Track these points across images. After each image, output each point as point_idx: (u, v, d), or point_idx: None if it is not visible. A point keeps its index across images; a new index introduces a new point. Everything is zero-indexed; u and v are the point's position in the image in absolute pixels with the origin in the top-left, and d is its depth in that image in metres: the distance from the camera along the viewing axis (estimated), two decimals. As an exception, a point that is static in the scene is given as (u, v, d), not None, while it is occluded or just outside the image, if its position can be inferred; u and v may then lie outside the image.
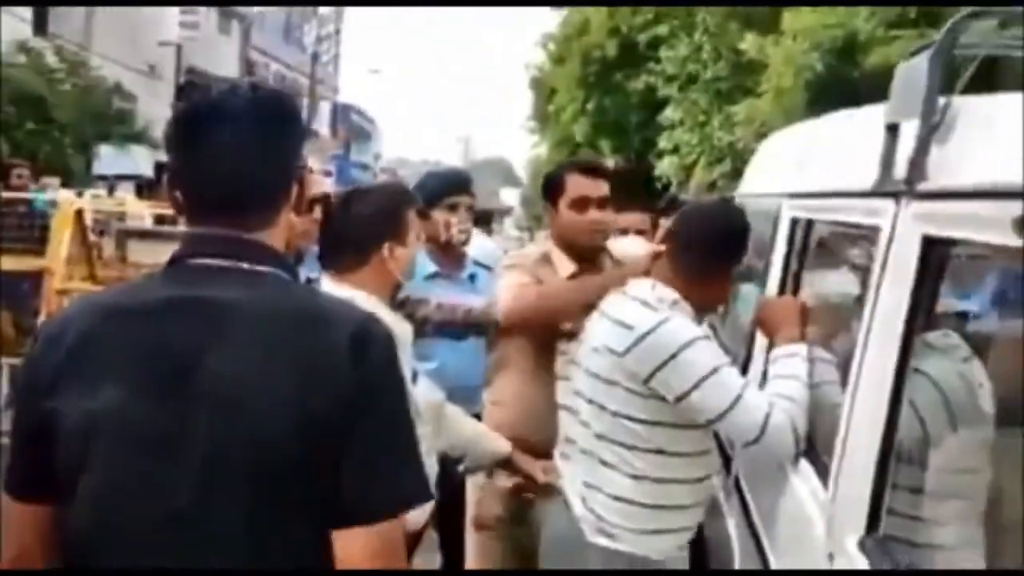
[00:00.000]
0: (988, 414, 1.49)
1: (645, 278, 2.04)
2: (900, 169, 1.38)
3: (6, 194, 6.07)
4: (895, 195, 1.40)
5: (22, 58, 17.06)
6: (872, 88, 2.48)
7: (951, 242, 1.24)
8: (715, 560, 2.34)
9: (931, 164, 1.28)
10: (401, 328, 1.81)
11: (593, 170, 2.48)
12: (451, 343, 2.91)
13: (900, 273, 1.35)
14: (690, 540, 2.59)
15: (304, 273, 2.37)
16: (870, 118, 1.90)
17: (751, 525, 2.04)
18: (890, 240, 1.42)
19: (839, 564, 1.37)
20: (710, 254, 2.00)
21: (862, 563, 1.28)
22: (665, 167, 16.88)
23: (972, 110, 1.24)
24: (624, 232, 3.04)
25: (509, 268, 2.45)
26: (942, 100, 1.27)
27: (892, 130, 1.43)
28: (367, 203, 1.89)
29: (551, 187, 2.47)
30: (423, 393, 1.91)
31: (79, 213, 4.56)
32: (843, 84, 9.13)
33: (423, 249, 2.46)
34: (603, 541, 1.93)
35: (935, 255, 1.27)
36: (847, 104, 2.47)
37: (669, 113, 16.40)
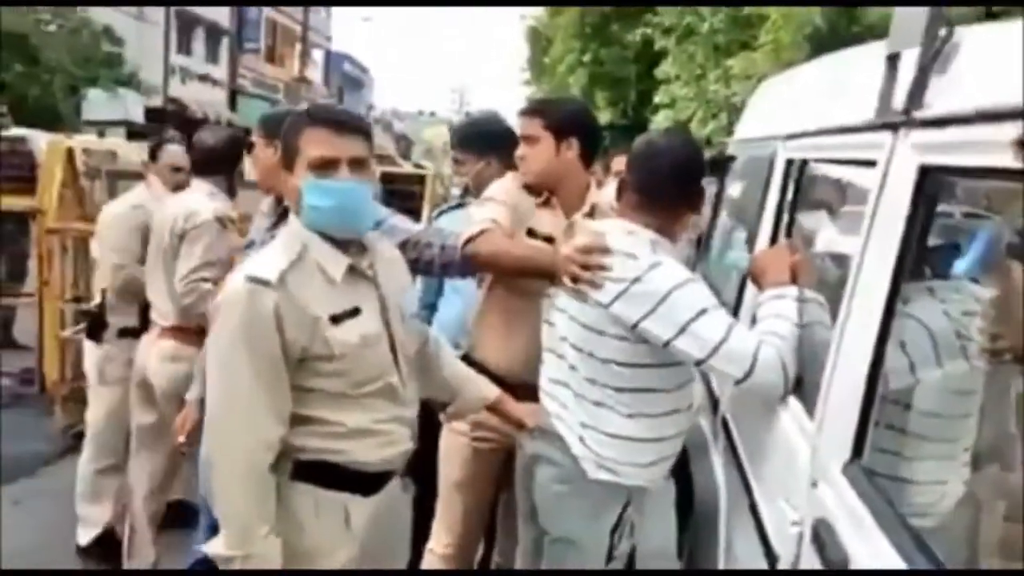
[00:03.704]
0: (975, 351, 1.52)
1: (620, 220, 2.06)
2: (899, 100, 1.37)
3: (-1, 133, 6.01)
4: (893, 126, 1.40)
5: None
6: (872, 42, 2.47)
7: (948, 170, 1.24)
8: (700, 495, 2.39)
9: (929, 93, 1.28)
10: (334, 261, 1.77)
11: (522, 111, 2.58)
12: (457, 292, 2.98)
13: (895, 204, 1.35)
14: (676, 477, 2.67)
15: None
16: (867, 55, 1.90)
17: (737, 460, 2.07)
18: (886, 172, 1.42)
19: (822, 490, 1.40)
20: (669, 187, 2.03)
21: (845, 488, 1.31)
22: (661, 121, 16.78)
23: (971, 39, 1.23)
24: (618, 174, 3.05)
25: (485, 201, 2.46)
26: (942, 30, 1.26)
27: (892, 61, 1.42)
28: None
29: None
30: (352, 335, 1.78)
31: (70, 152, 4.50)
32: (843, 39, 9.06)
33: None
34: (604, 476, 1.99)
35: (932, 185, 1.27)
36: None
37: (666, 67, 16.27)
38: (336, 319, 1.71)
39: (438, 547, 2.63)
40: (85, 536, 3.46)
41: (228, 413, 1.68)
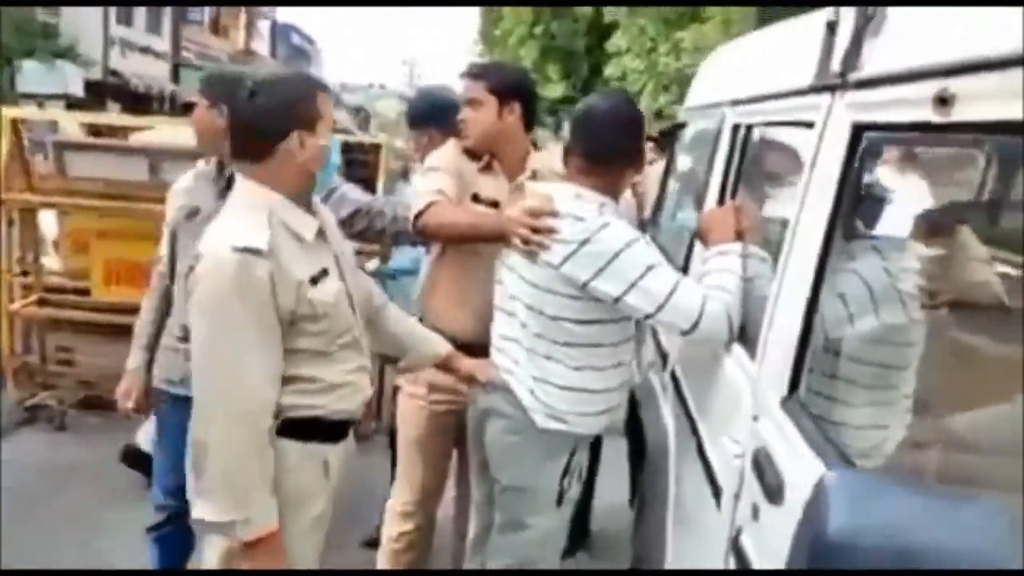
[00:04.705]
0: (913, 304, 1.64)
1: (566, 183, 2.13)
2: (836, 63, 1.48)
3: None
4: (831, 88, 1.51)
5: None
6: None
7: (878, 127, 1.35)
8: (652, 444, 2.51)
9: (864, 56, 1.38)
10: (306, 225, 1.82)
11: (465, 73, 2.62)
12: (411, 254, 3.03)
13: (830, 161, 1.46)
14: (628, 432, 2.78)
15: None
16: (809, 23, 2.01)
17: (685, 406, 2.20)
18: (822, 132, 1.53)
19: (763, 424, 1.52)
20: (612, 145, 2.12)
21: (783, 420, 1.43)
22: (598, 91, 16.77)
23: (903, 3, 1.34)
24: None
25: (429, 170, 2.50)
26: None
27: (831, 28, 1.52)
28: (272, 93, 1.76)
29: None
30: (329, 294, 1.84)
31: (14, 123, 4.41)
32: (791, 13, 9.24)
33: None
34: (554, 425, 2.08)
35: (863, 142, 1.38)
36: None
37: (617, 40, 16.37)
38: (314, 280, 1.77)
39: (398, 504, 2.72)
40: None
41: (230, 382, 1.69)
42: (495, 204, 2.48)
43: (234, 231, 1.71)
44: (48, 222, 4.94)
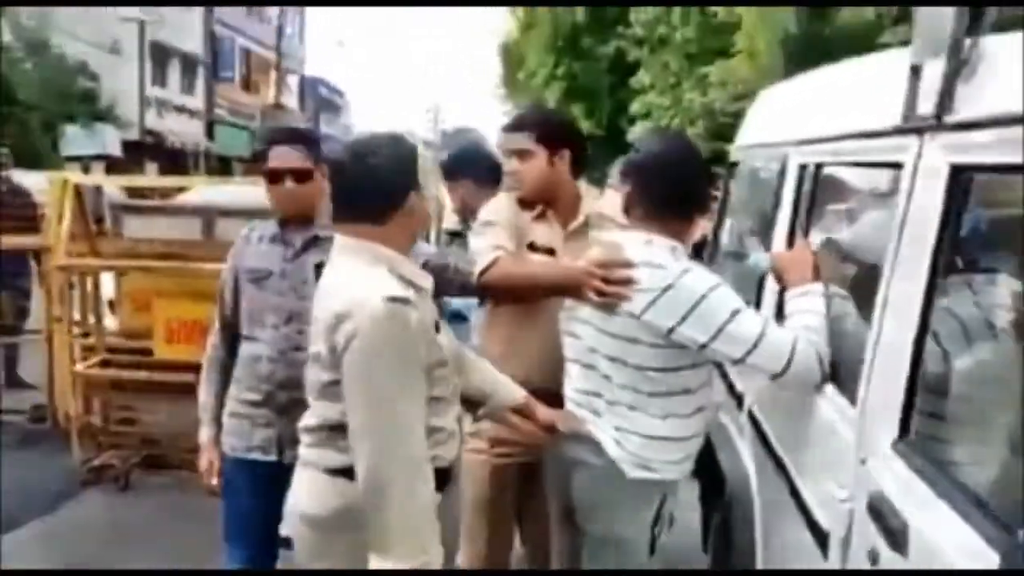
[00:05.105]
0: (1006, 337, 1.63)
1: (633, 231, 2.13)
2: (925, 106, 1.49)
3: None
4: (919, 130, 1.52)
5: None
6: (846, 45, 2.61)
7: (979, 168, 1.36)
8: (732, 487, 2.49)
9: (957, 99, 1.40)
10: (424, 280, 1.87)
11: (508, 125, 2.63)
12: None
13: (926, 201, 1.47)
14: (703, 473, 2.75)
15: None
16: (876, 65, 2.03)
17: (768, 448, 2.18)
18: (914, 173, 1.54)
19: (873, 467, 1.51)
20: (681, 190, 2.12)
21: (896, 462, 1.42)
22: (638, 132, 16.90)
23: (995, 49, 1.36)
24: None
25: (485, 225, 2.49)
26: (968, 40, 1.38)
27: (915, 71, 1.54)
28: (383, 155, 1.81)
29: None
30: (444, 341, 1.92)
31: (77, 188, 4.55)
32: (817, 42, 9.31)
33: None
34: (642, 474, 2.07)
35: (963, 182, 1.39)
36: (823, 62, 2.60)
37: (640, 77, 16.49)
38: (436, 327, 1.83)
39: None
40: None
41: (402, 433, 1.71)
42: (551, 252, 2.49)
43: (375, 284, 1.73)
44: (105, 283, 5.06)
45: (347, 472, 1.79)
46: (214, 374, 2.59)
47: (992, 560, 1.11)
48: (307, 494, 1.88)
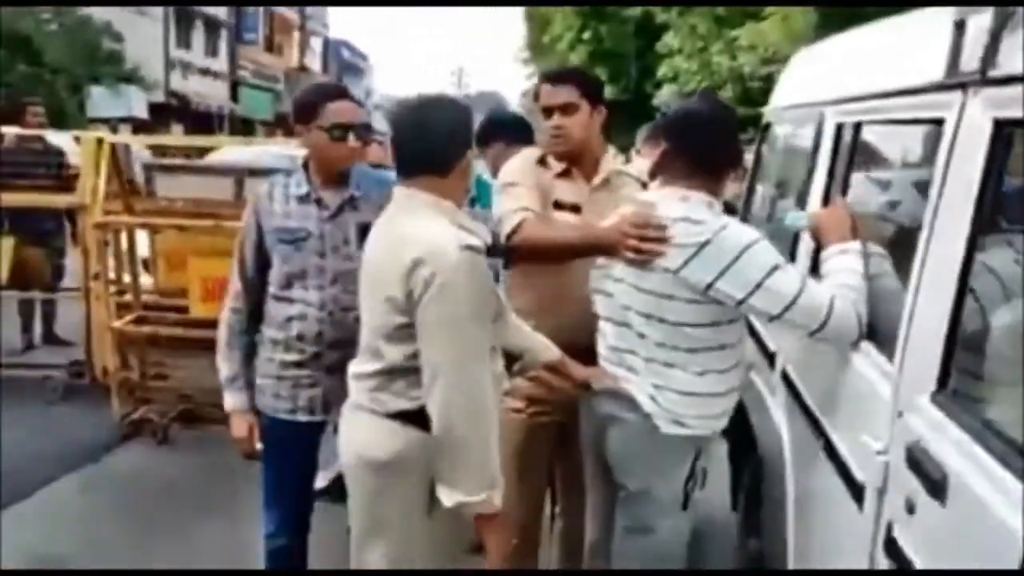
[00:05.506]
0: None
1: (668, 188, 2.14)
2: (968, 61, 1.49)
3: (25, 131, 6.10)
4: (963, 86, 1.52)
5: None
6: (881, 9, 2.57)
7: (1023, 123, 1.36)
8: (765, 446, 2.52)
9: (1002, 54, 1.40)
10: (478, 228, 1.98)
11: (554, 78, 2.58)
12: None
13: (968, 157, 1.48)
14: (734, 432, 2.78)
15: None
16: (915, 23, 2.02)
17: (803, 406, 2.21)
18: (957, 128, 1.54)
19: (911, 420, 1.54)
20: (715, 148, 2.15)
21: (936, 414, 1.45)
22: (664, 95, 16.69)
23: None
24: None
25: (508, 186, 2.49)
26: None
27: (959, 26, 1.54)
28: (447, 113, 1.96)
29: (534, 99, 2.64)
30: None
31: (113, 147, 4.61)
32: (851, 5, 9.12)
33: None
34: (678, 430, 2.10)
35: (1006, 138, 1.40)
36: (857, 24, 2.57)
37: (667, 40, 16.25)
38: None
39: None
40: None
41: (475, 372, 1.84)
42: (576, 208, 2.49)
43: (449, 233, 1.85)
44: (138, 242, 5.14)
45: (404, 416, 1.91)
46: (238, 339, 2.52)
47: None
48: (366, 438, 1.98)
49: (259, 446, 2.52)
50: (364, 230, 2.31)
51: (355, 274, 2.31)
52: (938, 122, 1.64)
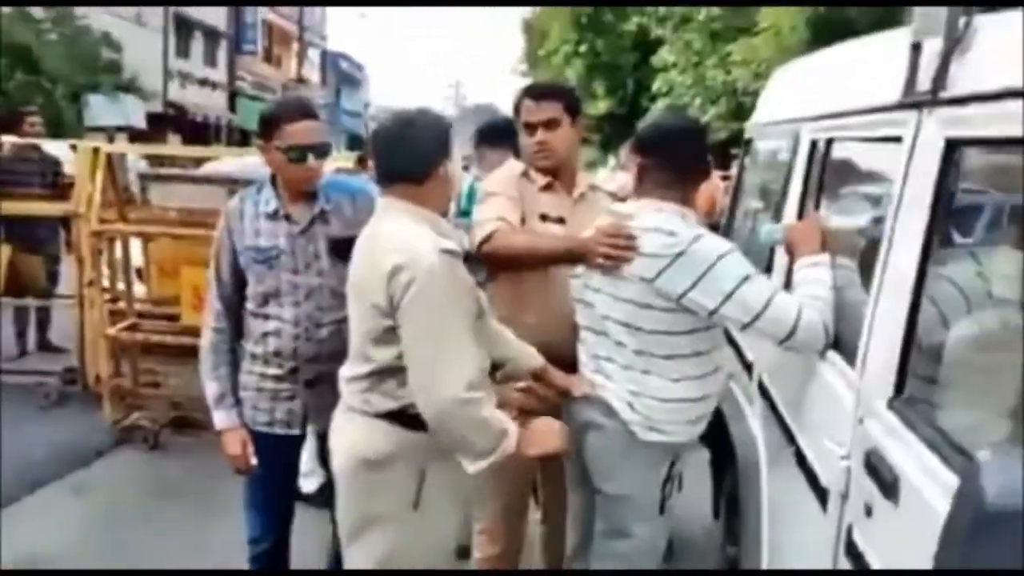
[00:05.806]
0: (1004, 303, 1.70)
1: (646, 201, 2.21)
2: (923, 82, 1.56)
3: (19, 140, 6.17)
4: (918, 105, 1.60)
5: (6, 8, 16.77)
6: (871, 24, 2.65)
7: (973, 142, 1.43)
8: (742, 453, 2.58)
9: (952, 76, 1.47)
10: (456, 236, 2.06)
11: (536, 94, 2.62)
12: None
13: (923, 172, 1.55)
14: (714, 441, 2.84)
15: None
16: (883, 43, 2.09)
17: (776, 414, 2.27)
18: (912, 147, 1.61)
19: (870, 425, 1.60)
20: (688, 159, 2.24)
21: (892, 420, 1.51)
22: (660, 109, 16.77)
23: (989, 26, 1.42)
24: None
25: (488, 196, 2.53)
26: (963, 19, 1.45)
27: (915, 48, 1.61)
28: (423, 125, 2.04)
29: (515, 113, 2.68)
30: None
31: (108, 157, 4.68)
32: (843, 21, 9.25)
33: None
34: (654, 436, 2.16)
35: (957, 156, 1.47)
36: (848, 40, 2.65)
37: (663, 55, 16.39)
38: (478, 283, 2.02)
39: (484, 526, 2.71)
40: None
41: (458, 360, 1.90)
42: (562, 221, 2.54)
43: (427, 239, 1.92)
44: (131, 250, 5.19)
45: (394, 416, 1.99)
46: (222, 357, 2.51)
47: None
48: (358, 438, 2.05)
49: (254, 461, 2.51)
50: (335, 245, 2.40)
51: (327, 289, 2.42)
52: (897, 140, 1.71)
